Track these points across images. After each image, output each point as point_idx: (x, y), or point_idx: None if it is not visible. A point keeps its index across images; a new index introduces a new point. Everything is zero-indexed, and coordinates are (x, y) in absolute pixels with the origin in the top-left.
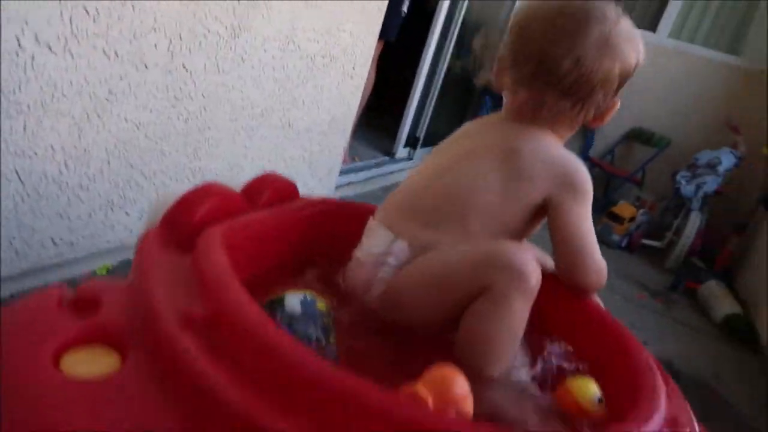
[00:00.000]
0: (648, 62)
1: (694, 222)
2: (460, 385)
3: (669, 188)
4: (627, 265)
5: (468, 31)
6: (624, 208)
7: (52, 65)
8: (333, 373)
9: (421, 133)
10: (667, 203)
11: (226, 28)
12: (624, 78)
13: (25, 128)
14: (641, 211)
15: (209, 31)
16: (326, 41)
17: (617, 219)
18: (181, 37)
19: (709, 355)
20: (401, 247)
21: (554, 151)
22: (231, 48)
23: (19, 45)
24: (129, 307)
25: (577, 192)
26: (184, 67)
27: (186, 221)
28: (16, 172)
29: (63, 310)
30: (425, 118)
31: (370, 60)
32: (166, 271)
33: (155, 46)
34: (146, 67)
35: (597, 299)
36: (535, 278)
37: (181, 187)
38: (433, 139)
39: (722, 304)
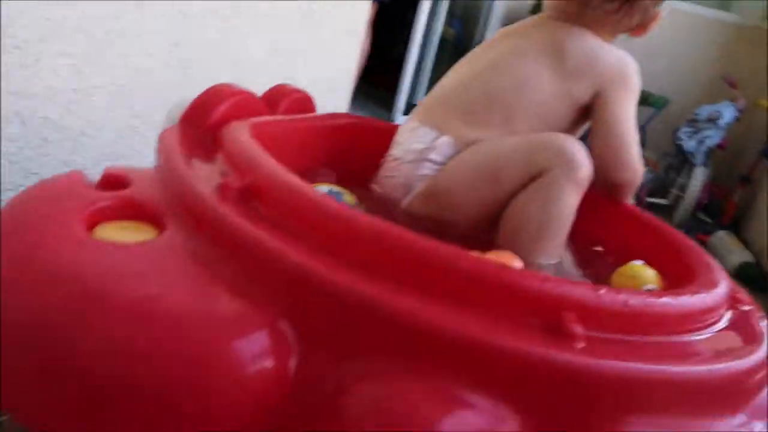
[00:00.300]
0: None
1: (699, 177)
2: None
3: (671, 146)
4: None
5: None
6: None
7: None
8: (388, 227)
9: (418, 100)
10: (671, 160)
11: None
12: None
13: (23, 66)
14: (645, 170)
15: None
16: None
17: None
18: None
19: None
20: (446, 142)
21: (601, 47)
22: None
23: None
24: (160, 185)
25: (625, 87)
26: (181, 12)
27: (206, 120)
28: (18, 114)
29: (91, 187)
30: (421, 86)
31: (367, 19)
32: (193, 157)
33: None
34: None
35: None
36: (586, 168)
37: None
38: None
39: (733, 253)
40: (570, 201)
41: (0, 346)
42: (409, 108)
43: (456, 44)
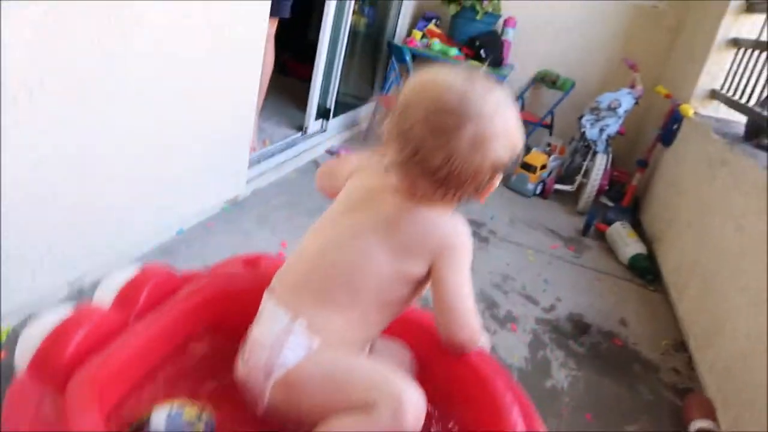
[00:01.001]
0: (548, 3)
1: (600, 163)
2: None
3: (577, 131)
4: (542, 213)
5: None
6: (535, 157)
7: None
8: None
9: (332, 104)
10: (575, 146)
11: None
12: (497, 169)
13: None
14: (552, 157)
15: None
16: (213, 33)
17: (530, 168)
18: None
19: (616, 300)
20: (300, 326)
21: (433, 223)
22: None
23: None
24: None
25: (456, 257)
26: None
27: (54, 365)
28: None
29: None
30: (333, 87)
31: (263, 42)
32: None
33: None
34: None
35: (483, 346)
36: (413, 418)
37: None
38: (343, 107)
39: (627, 245)
40: None
41: None
42: (321, 112)
43: (368, 32)
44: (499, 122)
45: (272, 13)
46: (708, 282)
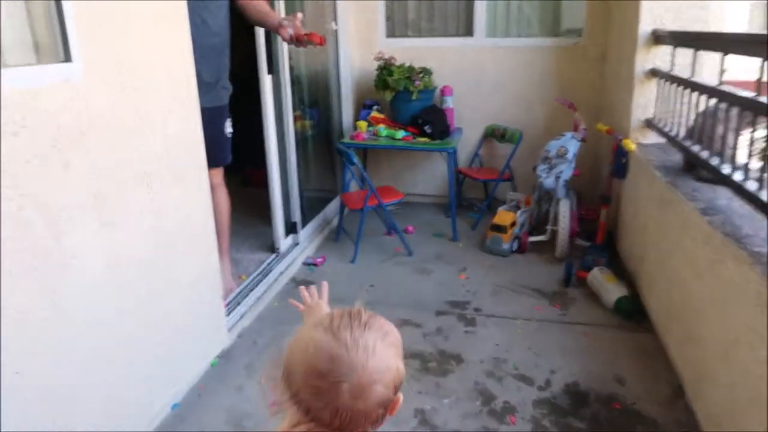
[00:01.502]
0: (475, 63)
1: (565, 209)
2: None
3: (535, 180)
4: (523, 270)
5: (306, 84)
6: (503, 216)
7: None
8: None
9: (297, 216)
10: (538, 194)
11: None
12: (387, 401)
13: None
14: (519, 211)
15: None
16: (151, 227)
17: (500, 229)
18: None
19: (609, 355)
20: None
21: None
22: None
23: None
24: None
25: None
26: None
27: None
28: None
29: None
30: (294, 199)
31: (207, 209)
32: None
33: None
34: None
35: None
36: None
37: None
38: (311, 211)
39: (608, 291)
40: None
41: None
42: (289, 227)
43: (317, 132)
44: (373, 367)
45: (215, 164)
46: (686, 325)
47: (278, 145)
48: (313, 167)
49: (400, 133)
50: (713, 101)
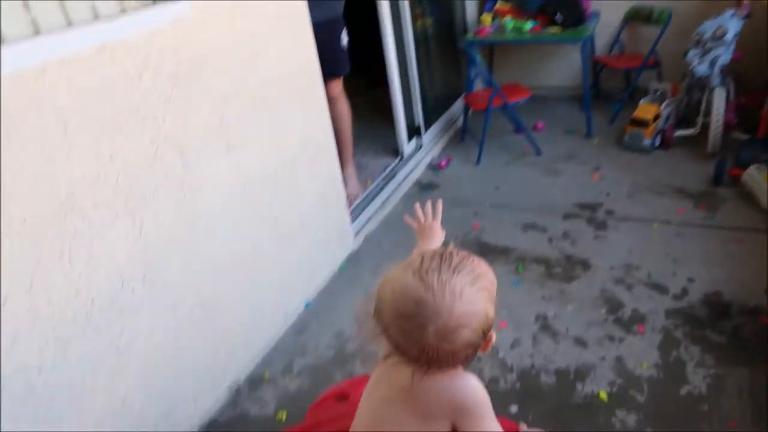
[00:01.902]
0: None
1: (720, 98)
2: None
3: (686, 67)
4: (666, 169)
5: None
6: (645, 109)
7: None
8: None
9: (419, 119)
10: (688, 82)
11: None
12: (476, 343)
13: None
14: (665, 103)
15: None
16: (274, 146)
17: (642, 123)
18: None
19: (760, 264)
20: None
21: (445, 386)
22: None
23: None
24: None
25: (473, 413)
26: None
27: None
28: None
29: None
30: (417, 102)
31: (327, 123)
32: None
33: None
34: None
35: None
36: None
37: None
38: (435, 112)
39: (765, 192)
40: None
41: None
42: (412, 131)
43: (439, 30)
44: (459, 311)
45: (333, 76)
46: None
47: (396, 46)
48: (436, 67)
49: (528, 25)
50: None
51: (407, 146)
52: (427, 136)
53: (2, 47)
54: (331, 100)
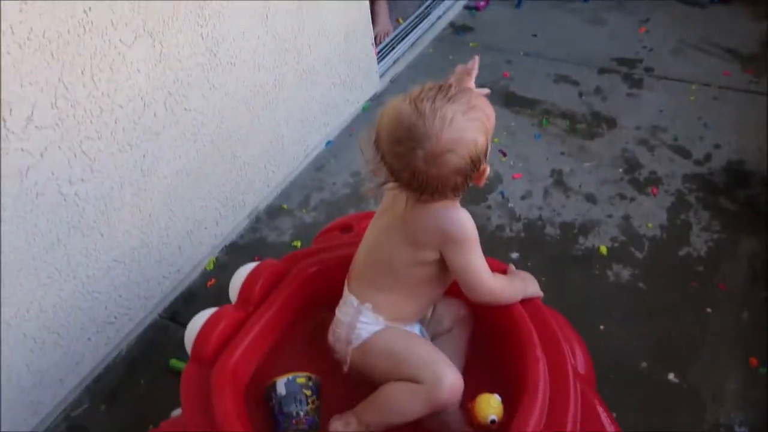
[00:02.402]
0: None
1: None
2: None
3: None
4: (721, 25)
5: None
6: None
7: None
8: None
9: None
10: None
11: None
12: (464, 170)
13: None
14: None
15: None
16: None
17: None
18: None
19: None
20: (367, 308)
21: (434, 217)
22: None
23: None
24: None
25: (458, 244)
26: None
27: (204, 355)
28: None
29: None
30: None
31: None
32: (200, 406)
33: None
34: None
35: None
36: (446, 398)
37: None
38: None
39: None
40: (413, 408)
41: None
42: None
43: None
44: (447, 137)
45: None
46: None
47: None
48: None
49: None
50: None
51: None
52: None
53: None
54: None
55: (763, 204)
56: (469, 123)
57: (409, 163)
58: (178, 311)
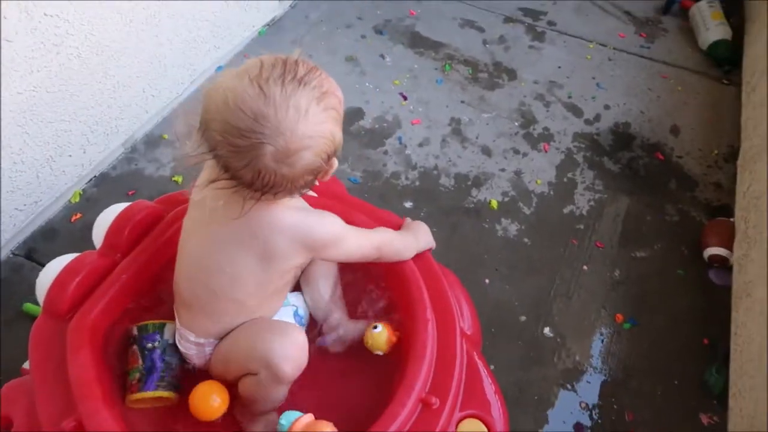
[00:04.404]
0: None
1: None
2: None
3: None
4: None
5: None
6: None
7: None
8: None
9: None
10: None
11: None
12: (318, 169)
13: None
14: None
15: None
16: None
17: None
18: None
19: (677, 102)
20: (208, 342)
21: (295, 223)
22: None
23: None
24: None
25: (332, 244)
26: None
27: (59, 309)
28: None
29: None
30: None
31: None
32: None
33: None
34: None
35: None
36: (288, 370)
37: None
38: None
39: (707, 29)
40: (274, 391)
41: None
42: None
43: None
44: (303, 132)
45: None
46: None
47: None
48: None
49: None
50: None
51: None
52: None
53: None
54: None
55: (642, 167)
56: (324, 114)
57: (254, 160)
58: (36, 248)
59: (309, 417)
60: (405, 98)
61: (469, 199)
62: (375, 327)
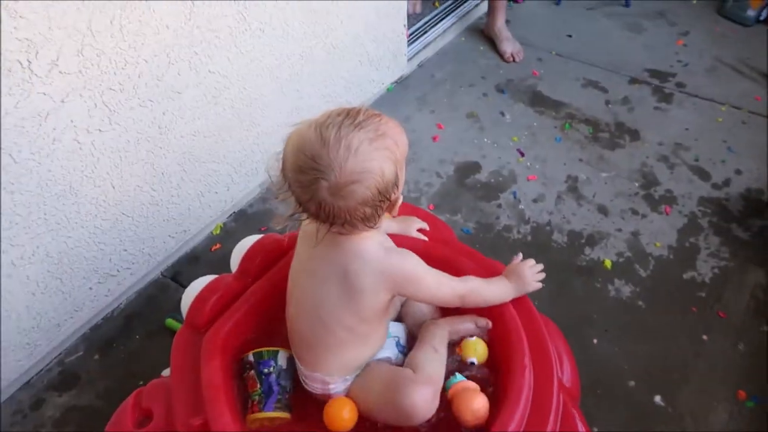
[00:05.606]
0: None
1: None
2: None
3: None
4: (760, 47)
5: None
6: None
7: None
8: None
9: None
10: None
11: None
12: (371, 201)
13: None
14: None
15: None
16: None
17: None
18: None
19: None
20: (330, 376)
21: (377, 258)
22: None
23: None
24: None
25: (411, 282)
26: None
27: (198, 321)
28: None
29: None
30: None
31: None
32: (188, 370)
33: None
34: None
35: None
36: (422, 417)
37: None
38: None
39: None
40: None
41: None
42: None
43: None
44: (351, 167)
45: None
46: None
47: None
48: None
49: None
50: None
51: None
52: None
53: None
54: None
55: None
56: (376, 152)
57: (314, 193)
58: (181, 271)
59: (469, 383)
60: (522, 154)
61: (582, 257)
62: (471, 337)
